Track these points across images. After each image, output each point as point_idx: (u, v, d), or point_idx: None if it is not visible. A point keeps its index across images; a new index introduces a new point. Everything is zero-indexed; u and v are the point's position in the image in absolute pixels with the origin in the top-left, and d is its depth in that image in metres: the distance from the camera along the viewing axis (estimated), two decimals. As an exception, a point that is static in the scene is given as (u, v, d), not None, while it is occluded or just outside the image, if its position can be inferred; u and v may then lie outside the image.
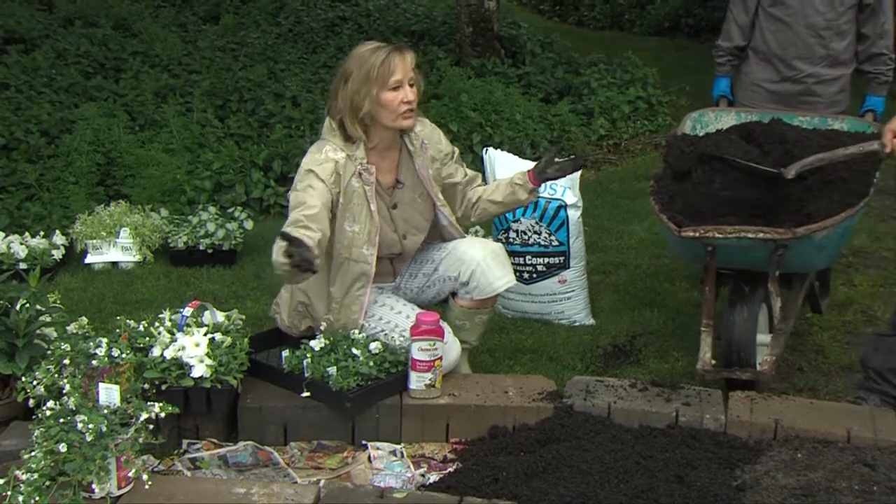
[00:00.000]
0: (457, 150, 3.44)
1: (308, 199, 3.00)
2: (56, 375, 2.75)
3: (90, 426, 2.41)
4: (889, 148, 3.23)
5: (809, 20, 3.99)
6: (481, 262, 3.22)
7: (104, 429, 2.44)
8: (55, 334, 2.97)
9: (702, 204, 3.37)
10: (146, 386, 2.83)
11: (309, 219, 2.93)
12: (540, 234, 4.05)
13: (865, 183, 3.35)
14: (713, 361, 3.19)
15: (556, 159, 3.29)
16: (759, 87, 4.16)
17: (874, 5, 3.98)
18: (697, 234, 3.15)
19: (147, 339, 2.96)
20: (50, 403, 2.55)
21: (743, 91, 4.24)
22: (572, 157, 3.37)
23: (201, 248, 4.82)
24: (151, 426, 2.61)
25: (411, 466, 2.94)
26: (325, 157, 3.09)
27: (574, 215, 4.03)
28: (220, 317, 3.14)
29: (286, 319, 3.32)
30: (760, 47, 4.13)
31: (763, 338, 3.36)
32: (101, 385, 2.59)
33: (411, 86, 3.12)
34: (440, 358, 3.08)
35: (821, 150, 3.43)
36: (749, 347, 3.25)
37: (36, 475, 2.36)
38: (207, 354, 2.90)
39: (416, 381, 3.07)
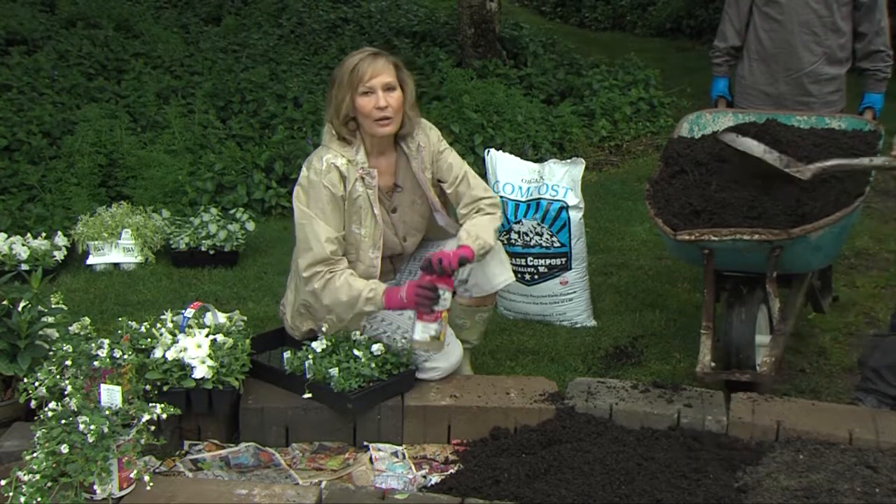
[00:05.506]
0: (469, 171, 3.32)
1: (322, 232, 3.05)
2: (58, 376, 2.76)
3: (92, 427, 2.42)
4: None
5: (803, 17, 3.99)
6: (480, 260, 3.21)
7: (106, 430, 2.44)
8: (57, 335, 2.97)
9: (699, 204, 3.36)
10: (148, 387, 2.83)
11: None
12: (542, 235, 4.05)
13: (861, 182, 3.34)
14: (713, 364, 3.18)
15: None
16: (755, 91, 4.16)
17: (869, 3, 3.98)
18: (693, 238, 3.13)
19: (149, 340, 2.96)
20: (52, 404, 2.56)
21: (739, 95, 4.24)
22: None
23: (203, 249, 4.83)
24: (153, 427, 2.61)
25: (413, 468, 2.94)
26: (329, 167, 3.09)
27: (576, 216, 4.03)
28: (222, 318, 3.14)
29: (290, 320, 3.32)
30: (755, 47, 4.13)
31: (763, 339, 3.35)
32: (102, 386, 2.59)
33: (390, 90, 3.09)
34: (448, 310, 3.03)
35: (814, 149, 3.42)
36: (748, 349, 3.24)
37: (38, 476, 2.37)
38: (209, 356, 2.91)
39: (422, 331, 2.99)
